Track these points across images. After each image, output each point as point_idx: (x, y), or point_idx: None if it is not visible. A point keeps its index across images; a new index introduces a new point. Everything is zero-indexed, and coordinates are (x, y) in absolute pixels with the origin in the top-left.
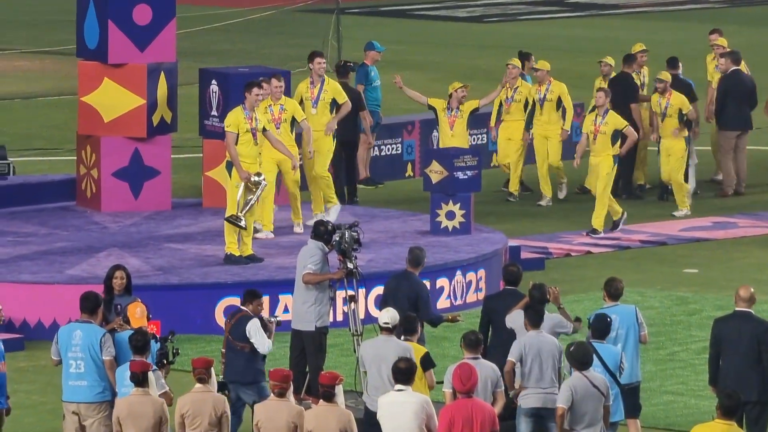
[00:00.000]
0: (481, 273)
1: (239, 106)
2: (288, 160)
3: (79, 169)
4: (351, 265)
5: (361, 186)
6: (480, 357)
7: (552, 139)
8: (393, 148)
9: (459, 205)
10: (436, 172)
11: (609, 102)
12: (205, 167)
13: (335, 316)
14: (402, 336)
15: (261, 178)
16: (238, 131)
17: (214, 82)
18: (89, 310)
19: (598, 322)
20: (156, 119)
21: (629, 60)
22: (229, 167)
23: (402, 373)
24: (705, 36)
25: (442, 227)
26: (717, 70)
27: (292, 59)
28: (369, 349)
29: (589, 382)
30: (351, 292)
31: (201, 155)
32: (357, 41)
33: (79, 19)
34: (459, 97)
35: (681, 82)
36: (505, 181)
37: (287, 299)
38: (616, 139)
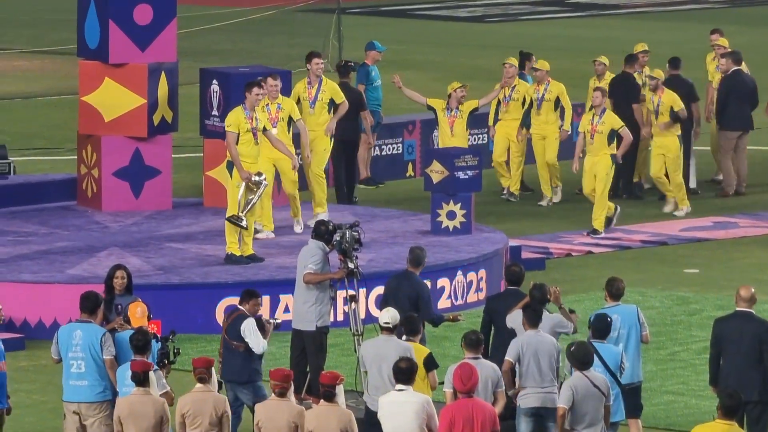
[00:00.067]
0: (482, 273)
1: (239, 105)
2: (285, 159)
3: (80, 169)
4: (352, 265)
5: (362, 186)
6: (480, 357)
7: (549, 138)
8: (394, 147)
9: (460, 205)
10: (436, 171)
11: (610, 102)
12: (206, 167)
13: (336, 315)
14: (404, 336)
15: (262, 177)
16: (238, 131)
17: (214, 81)
18: (89, 309)
19: (598, 322)
20: (157, 119)
21: (631, 60)
22: (230, 167)
23: (403, 373)
24: (705, 36)
25: (442, 227)
26: (718, 70)
27: (293, 59)
28: (369, 349)
29: (590, 382)
30: (352, 291)
31: (202, 155)
32: (358, 41)
33: (80, 19)
34: (458, 97)
35: (683, 82)
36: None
37: (288, 299)
38: (612, 139)
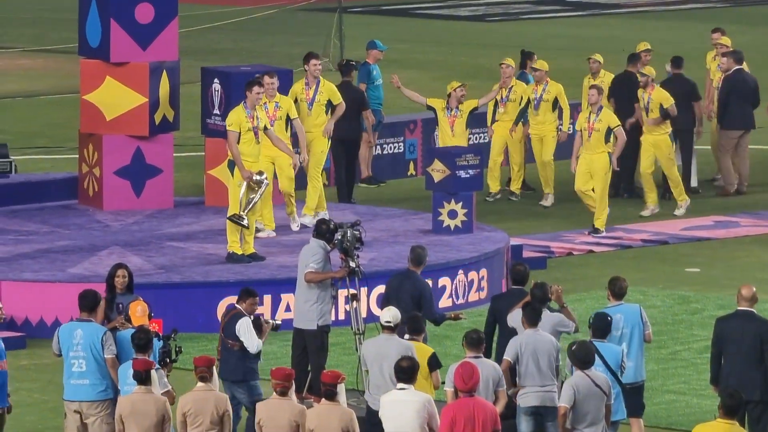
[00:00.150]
0: (483, 272)
1: (240, 104)
2: (284, 156)
3: (81, 168)
4: (353, 264)
5: (363, 185)
6: (482, 356)
7: (546, 138)
8: (395, 146)
9: (461, 204)
10: (438, 170)
11: (612, 101)
12: (207, 166)
13: (337, 314)
14: (408, 335)
15: (263, 177)
16: (239, 130)
17: (216, 80)
18: (88, 308)
19: (598, 321)
20: (158, 118)
21: (633, 59)
22: (231, 166)
23: (404, 372)
24: (707, 35)
25: (444, 226)
26: (719, 69)
27: (294, 58)
28: (371, 348)
29: (591, 381)
30: (353, 290)
31: (203, 154)
32: (359, 40)
33: (82, 18)
34: (458, 97)
35: (685, 81)
36: (507, 180)
37: (289, 298)
38: (609, 137)
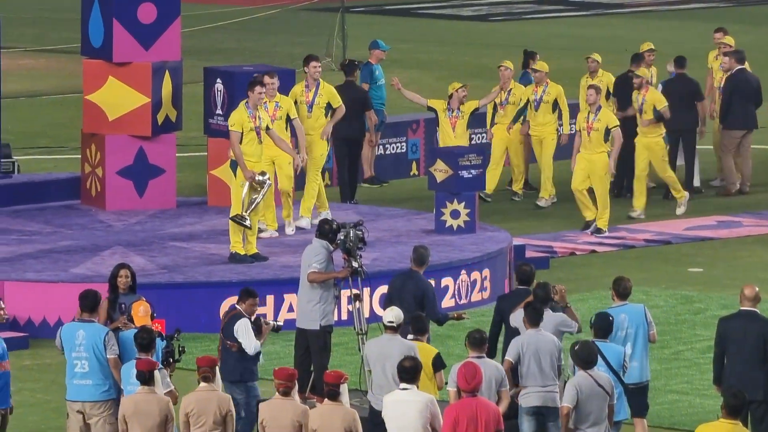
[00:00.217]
0: (486, 272)
1: (242, 104)
2: (284, 155)
3: (84, 168)
4: (356, 264)
5: (366, 185)
6: (485, 356)
7: (545, 140)
8: (398, 146)
9: (464, 204)
10: (440, 170)
11: (614, 101)
12: (210, 166)
13: (340, 314)
14: (412, 335)
15: (266, 177)
16: (242, 130)
17: (218, 80)
18: (89, 308)
19: (600, 321)
20: (161, 118)
21: (637, 59)
22: (234, 166)
23: (407, 372)
24: (709, 35)
25: (446, 226)
26: (721, 68)
27: (296, 58)
28: (373, 348)
29: (594, 381)
30: (356, 290)
31: (206, 154)
32: (362, 40)
33: (84, 18)
34: (460, 97)
35: (688, 81)
36: (509, 180)
37: (292, 298)
38: (608, 136)
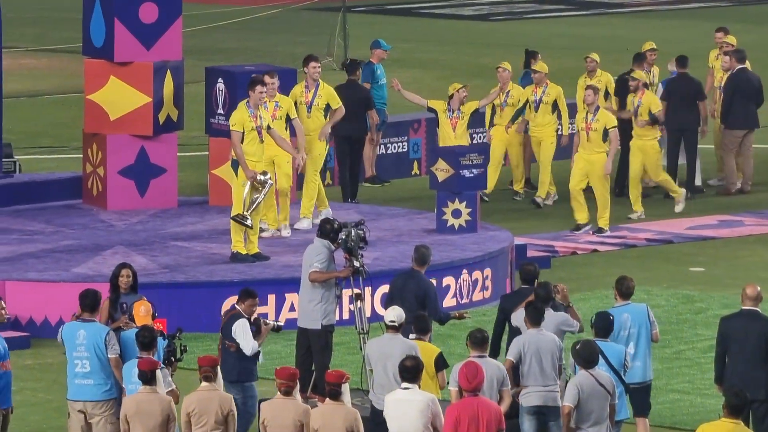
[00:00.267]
0: (488, 271)
1: (242, 104)
2: (283, 154)
3: (85, 167)
4: (357, 264)
5: (367, 184)
6: (486, 355)
7: (544, 141)
8: (399, 146)
9: (465, 204)
10: (442, 170)
11: (616, 100)
12: (212, 165)
13: (341, 314)
14: (414, 335)
15: (267, 177)
16: (243, 130)
17: (220, 80)
18: (90, 307)
19: (600, 320)
20: (162, 117)
21: (639, 59)
22: (235, 166)
23: (408, 372)
24: (711, 34)
25: (448, 225)
26: (722, 68)
27: (298, 57)
28: (375, 348)
29: (596, 380)
30: (357, 290)
31: (207, 153)
32: (363, 39)
33: (86, 17)
34: (461, 98)
35: (690, 80)
36: (510, 180)
37: (293, 297)
38: (607, 136)
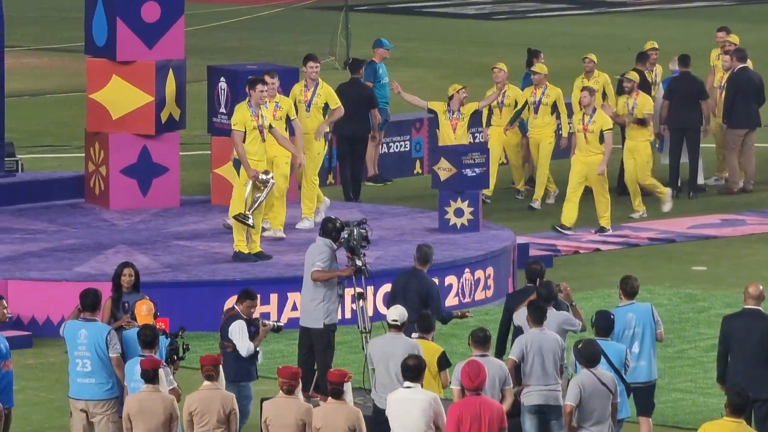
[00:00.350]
0: (490, 270)
1: (243, 103)
2: (281, 155)
3: (88, 166)
4: (359, 263)
5: (370, 183)
6: (488, 354)
7: (543, 142)
8: (401, 145)
9: (467, 203)
10: (444, 169)
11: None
12: (214, 164)
13: (344, 313)
14: (417, 334)
15: (269, 176)
16: (245, 129)
17: (222, 79)
18: (91, 306)
19: (600, 319)
20: (164, 116)
21: (642, 58)
22: (237, 165)
23: (410, 371)
24: (713, 33)
25: (450, 224)
26: (722, 67)
27: (300, 56)
28: (377, 347)
29: (597, 379)
30: (359, 289)
31: (209, 152)
32: (365, 38)
33: (88, 16)
34: (461, 98)
35: (693, 79)
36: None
37: (296, 297)
38: (603, 138)
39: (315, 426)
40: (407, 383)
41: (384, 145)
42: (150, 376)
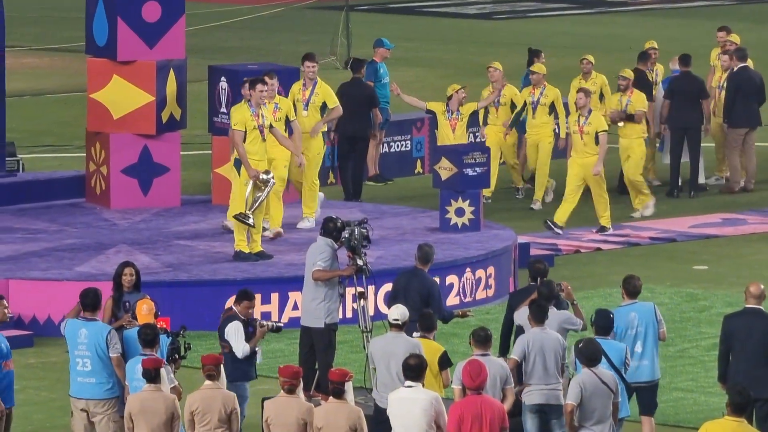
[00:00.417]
0: (491, 270)
1: (243, 102)
2: (279, 156)
3: (89, 166)
4: (360, 262)
5: (371, 183)
6: (489, 353)
7: (542, 142)
8: (402, 144)
9: (468, 202)
10: (445, 168)
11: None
12: (215, 164)
13: (345, 312)
14: (419, 333)
15: (270, 176)
16: (245, 129)
17: (223, 79)
18: (91, 306)
19: (600, 319)
20: (165, 116)
21: (643, 57)
22: (237, 165)
23: (412, 370)
24: (714, 33)
25: (451, 224)
26: (721, 66)
27: (301, 56)
28: (378, 346)
29: (598, 378)
30: (360, 288)
31: (210, 152)
32: (366, 38)
33: (88, 16)
34: (460, 98)
35: (693, 79)
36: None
37: (297, 296)
38: (599, 139)
39: (316, 425)
40: (408, 382)
41: (385, 145)
42: (152, 375)
